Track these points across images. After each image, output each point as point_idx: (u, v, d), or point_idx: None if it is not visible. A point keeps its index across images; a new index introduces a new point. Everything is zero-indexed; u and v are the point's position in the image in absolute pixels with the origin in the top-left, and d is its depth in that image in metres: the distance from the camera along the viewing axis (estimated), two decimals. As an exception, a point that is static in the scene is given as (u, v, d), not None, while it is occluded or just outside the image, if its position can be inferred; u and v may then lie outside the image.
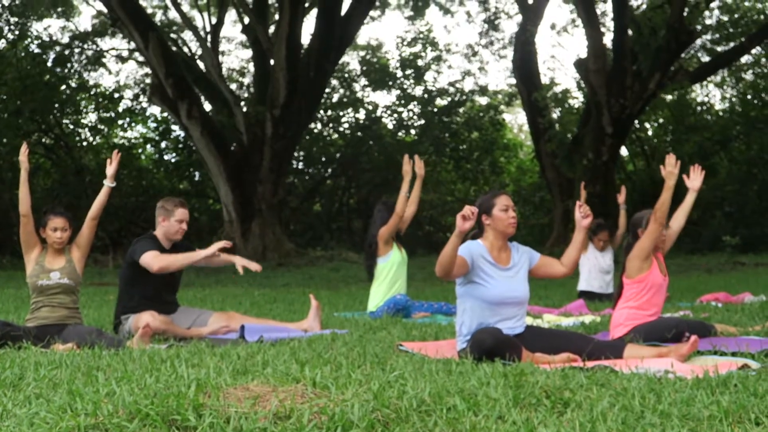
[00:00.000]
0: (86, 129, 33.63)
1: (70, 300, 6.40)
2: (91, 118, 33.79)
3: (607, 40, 24.48)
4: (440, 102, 35.26)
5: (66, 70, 31.54)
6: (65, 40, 32.09)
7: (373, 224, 9.21)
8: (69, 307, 6.38)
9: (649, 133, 34.46)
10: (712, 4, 26.07)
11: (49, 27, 50.30)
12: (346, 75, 35.38)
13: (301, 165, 35.27)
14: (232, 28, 37.77)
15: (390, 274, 9.00)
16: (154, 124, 34.27)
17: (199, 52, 31.37)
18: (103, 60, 33.31)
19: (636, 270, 6.20)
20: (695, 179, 6.51)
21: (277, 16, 27.50)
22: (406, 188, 9.05)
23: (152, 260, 6.86)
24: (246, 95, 33.68)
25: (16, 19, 29.81)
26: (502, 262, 5.42)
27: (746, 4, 27.96)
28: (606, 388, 3.86)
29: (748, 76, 32.77)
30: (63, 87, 31.59)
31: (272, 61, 25.65)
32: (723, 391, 3.75)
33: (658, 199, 6.14)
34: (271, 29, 27.85)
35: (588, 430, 3.06)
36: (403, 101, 35.38)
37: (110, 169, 6.72)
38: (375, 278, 9.05)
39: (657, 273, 6.28)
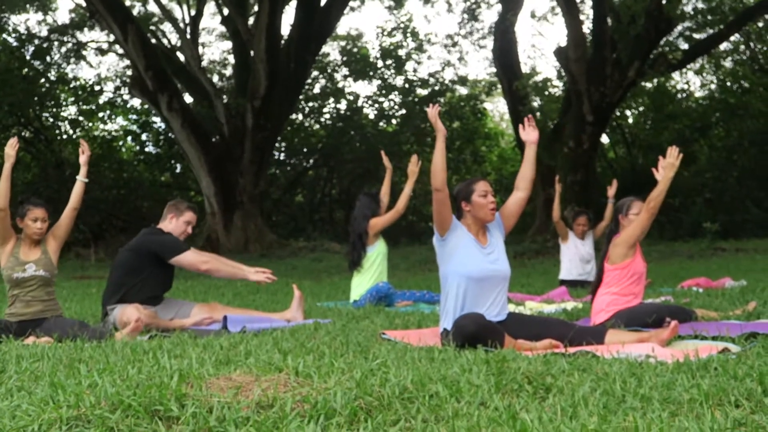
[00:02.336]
0: (66, 122, 33.44)
1: (45, 293, 6.30)
2: (71, 111, 33.62)
3: (587, 28, 24.53)
4: (421, 92, 35.26)
5: (45, 64, 31.33)
6: (44, 33, 31.89)
7: (358, 215, 9.23)
8: (44, 300, 6.29)
9: (630, 121, 34.59)
10: (691, -8, 26.15)
11: (28, 20, 49.92)
12: (327, 65, 35.32)
13: (282, 156, 35.22)
14: (211, 19, 37.64)
15: (375, 264, 9.11)
16: (135, 117, 34.14)
17: (179, 44, 31.23)
18: (83, 53, 33.13)
19: (621, 256, 6.22)
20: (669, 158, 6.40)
21: (256, 8, 27.41)
22: (410, 187, 9.27)
23: (197, 260, 6.96)
24: (226, 86, 33.57)
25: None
26: (481, 242, 5.47)
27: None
28: (587, 373, 3.88)
29: (728, 63, 32.94)
30: (42, 80, 31.39)
31: (252, 53, 25.59)
32: (703, 374, 3.77)
33: (654, 190, 6.13)
34: (251, 20, 27.76)
35: (570, 414, 3.07)
36: (384, 91, 35.36)
37: (82, 158, 6.69)
38: (360, 267, 9.09)
39: (640, 260, 6.32)
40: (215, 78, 34.19)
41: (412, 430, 2.94)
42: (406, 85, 35.23)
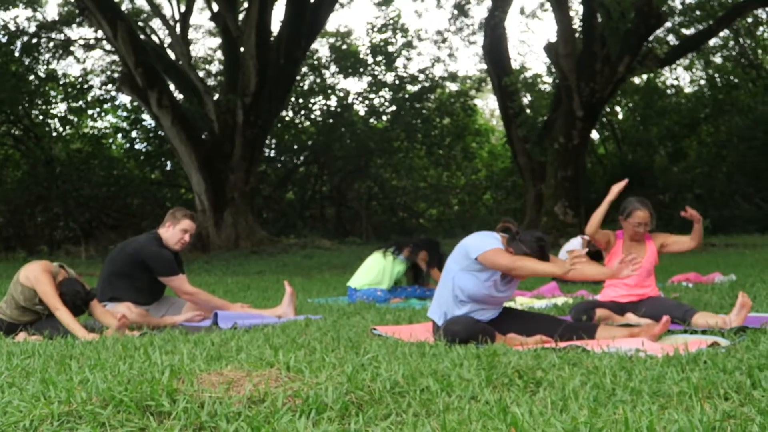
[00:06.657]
0: (55, 119, 33.31)
1: (36, 317, 6.18)
2: (61, 108, 33.51)
3: (577, 24, 24.54)
4: (411, 88, 35.25)
5: (33, 60, 31.19)
6: (32, 29, 31.74)
7: (429, 261, 9.70)
8: (34, 319, 6.21)
9: (620, 116, 34.66)
10: (680, -12, 26.18)
11: (17, 17, 49.68)
12: (317, 62, 35.28)
13: (273, 153, 35.17)
14: (200, 15, 37.47)
15: (395, 266, 9.53)
16: (125, 114, 34.05)
17: (168, 40, 31.12)
18: (71, 49, 32.99)
19: None
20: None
21: (246, 4, 27.34)
22: None
23: (184, 288, 6.99)
24: (215, 83, 33.48)
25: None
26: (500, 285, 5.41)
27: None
28: (578, 367, 3.90)
29: (717, 59, 33.01)
30: (31, 77, 31.27)
31: (242, 49, 25.53)
32: (693, 368, 3.79)
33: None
34: (241, 16, 27.70)
35: (560, 408, 3.08)
36: (374, 88, 35.34)
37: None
38: (386, 256, 9.50)
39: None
40: (203, 74, 34.07)
41: (403, 424, 2.95)
42: (397, 82, 35.21)
